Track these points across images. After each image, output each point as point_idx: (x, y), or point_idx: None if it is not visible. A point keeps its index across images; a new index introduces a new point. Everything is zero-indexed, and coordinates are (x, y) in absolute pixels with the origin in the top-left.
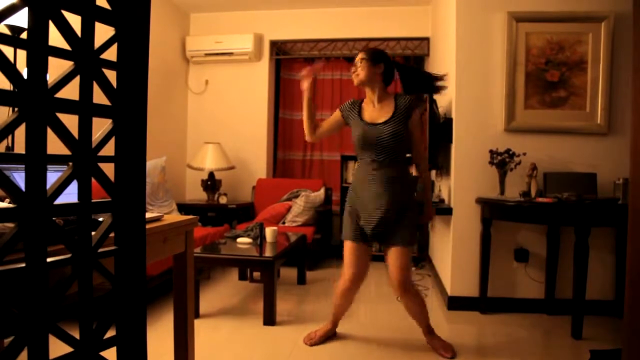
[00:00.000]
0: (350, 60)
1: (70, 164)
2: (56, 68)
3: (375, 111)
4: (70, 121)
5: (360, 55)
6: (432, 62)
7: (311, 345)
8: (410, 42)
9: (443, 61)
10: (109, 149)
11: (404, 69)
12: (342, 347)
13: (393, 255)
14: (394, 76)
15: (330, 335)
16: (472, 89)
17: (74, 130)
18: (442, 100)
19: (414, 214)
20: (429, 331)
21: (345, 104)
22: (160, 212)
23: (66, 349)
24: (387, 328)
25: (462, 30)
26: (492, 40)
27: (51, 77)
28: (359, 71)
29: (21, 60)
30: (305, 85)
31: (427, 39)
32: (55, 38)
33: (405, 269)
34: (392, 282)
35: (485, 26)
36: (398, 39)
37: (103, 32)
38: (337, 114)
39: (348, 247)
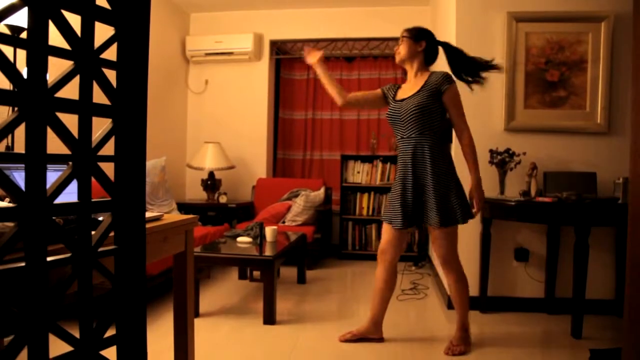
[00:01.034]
0: (349, 60)
1: (70, 163)
2: (56, 68)
3: (409, 88)
4: (70, 121)
5: (402, 33)
6: None
7: (341, 341)
8: None
9: (442, 61)
10: (108, 149)
11: (450, 50)
12: (341, 347)
13: (433, 235)
14: (437, 54)
15: (368, 338)
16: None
17: (74, 130)
18: None
19: (452, 189)
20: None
21: (387, 84)
22: (160, 212)
23: (66, 348)
24: (388, 327)
25: (462, 31)
26: (492, 40)
27: (51, 77)
28: (400, 49)
29: (21, 60)
30: (311, 61)
31: None
32: (55, 38)
33: (445, 248)
34: (438, 260)
35: (485, 26)
36: (398, 39)
37: (103, 32)
38: (377, 90)
39: (386, 228)
